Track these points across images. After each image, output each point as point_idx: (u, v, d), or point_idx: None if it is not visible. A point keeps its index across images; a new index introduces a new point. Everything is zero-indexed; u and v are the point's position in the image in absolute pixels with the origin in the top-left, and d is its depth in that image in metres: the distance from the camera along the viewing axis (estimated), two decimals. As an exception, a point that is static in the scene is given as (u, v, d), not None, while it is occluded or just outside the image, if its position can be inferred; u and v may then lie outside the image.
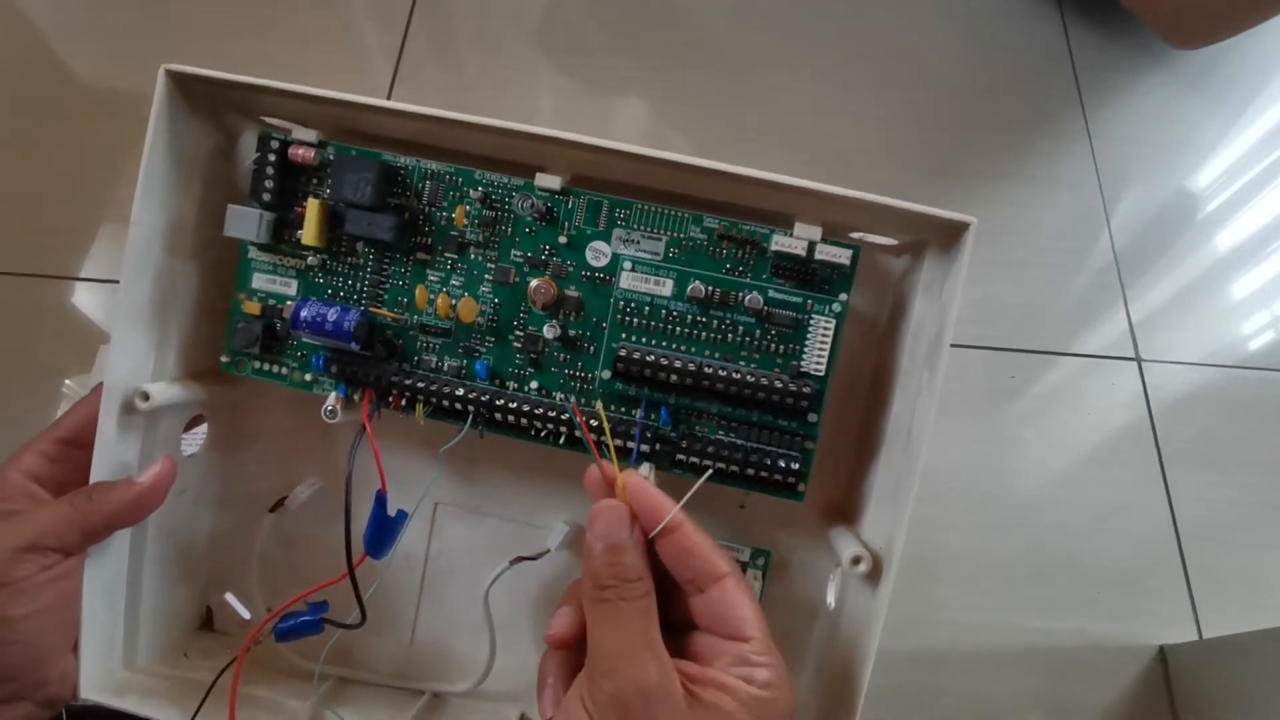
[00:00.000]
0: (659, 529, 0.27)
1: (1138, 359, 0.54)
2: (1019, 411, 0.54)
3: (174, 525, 0.36)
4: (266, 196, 0.32)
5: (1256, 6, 0.54)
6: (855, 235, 0.33)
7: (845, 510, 0.36)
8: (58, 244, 0.58)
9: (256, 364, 0.34)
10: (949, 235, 0.31)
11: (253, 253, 0.34)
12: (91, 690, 0.32)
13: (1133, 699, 0.48)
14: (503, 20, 0.63)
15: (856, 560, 0.31)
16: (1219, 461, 0.53)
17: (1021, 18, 0.63)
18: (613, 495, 0.28)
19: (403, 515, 0.33)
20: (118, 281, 0.31)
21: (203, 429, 0.37)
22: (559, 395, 0.33)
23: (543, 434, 0.32)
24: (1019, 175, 0.59)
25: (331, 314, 0.32)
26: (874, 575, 0.31)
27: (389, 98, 0.61)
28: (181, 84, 0.31)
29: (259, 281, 0.34)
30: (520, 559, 0.36)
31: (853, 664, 0.31)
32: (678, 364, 0.31)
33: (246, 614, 0.38)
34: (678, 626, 0.28)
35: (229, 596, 0.38)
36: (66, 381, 0.53)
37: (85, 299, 0.56)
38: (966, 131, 0.60)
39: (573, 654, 0.28)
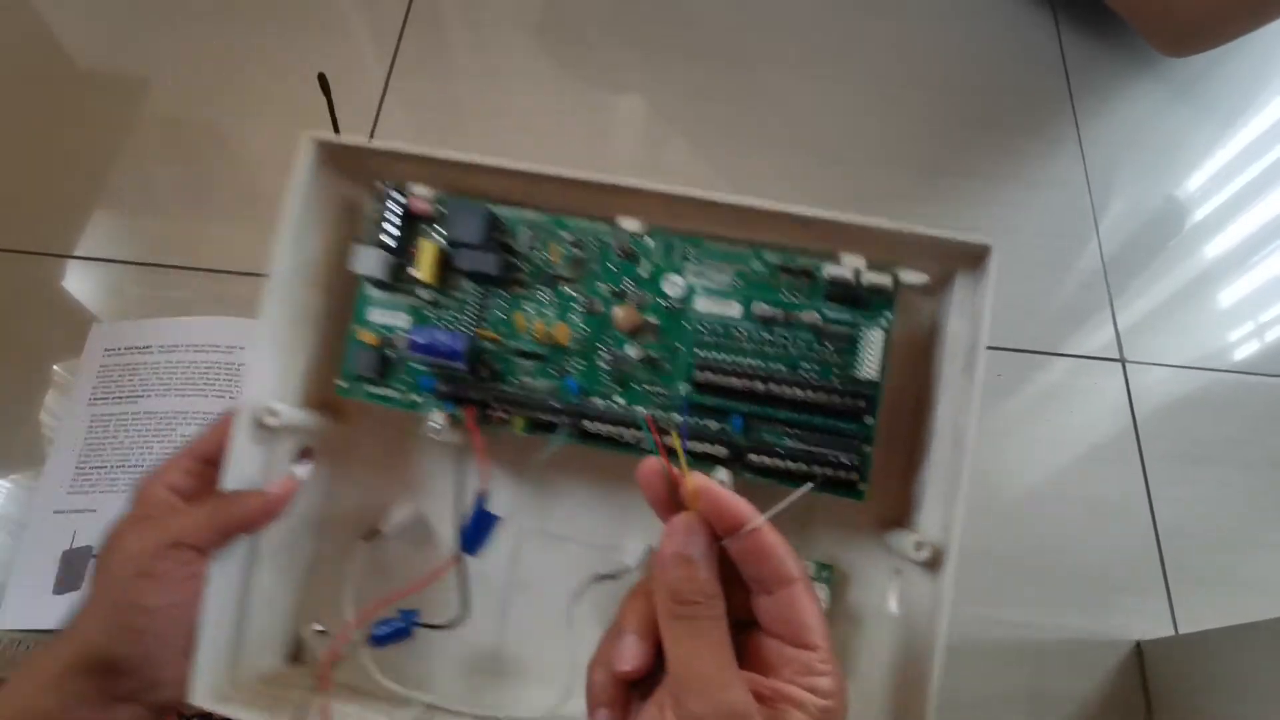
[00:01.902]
0: (744, 533, 0.26)
1: (1122, 360, 0.55)
2: (1005, 409, 0.55)
3: (276, 547, 0.39)
4: (389, 240, 0.37)
5: (1246, 15, 0.54)
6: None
7: (899, 521, 0.39)
8: (50, 223, 0.56)
9: (369, 388, 0.38)
10: (973, 258, 0.36)
11: (369, 289, 0.38)
12: (201, 696, 0.33)
13: (1109, 691, 0.49)
14: (502, 12, 0.64)
15: (919, 546, 0.34)
16: (1199, 463, 0.54)
17: (1016, 22, 0.65)
18: (675, 499, 0.28)
19: (495, 517, 0.36)
20: (112, 261, 0.32)
21: (310, 465, 0.40)
22: (640, 409, 0.37)
23: (625, 441, 0.36)
24: (1010, 176, 0.60)
25: (444, 338, 0.36)
26: (934, 564, 0.34)
27: (385, 86, 0.63)
28: (325, 150, 0.37)
29: (374, 315, 0.38)
30: (602, 577, 0.39)
31: (920, 667, 0.33)
32: (747, 376, 0.35)
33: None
34: (732, 624, 0.27)
35: (317, 626, 0.40)
36: (55, 368, 0.53)
37: (76, 282, 0.54)
38: (959, 131, 0.61)
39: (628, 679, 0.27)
